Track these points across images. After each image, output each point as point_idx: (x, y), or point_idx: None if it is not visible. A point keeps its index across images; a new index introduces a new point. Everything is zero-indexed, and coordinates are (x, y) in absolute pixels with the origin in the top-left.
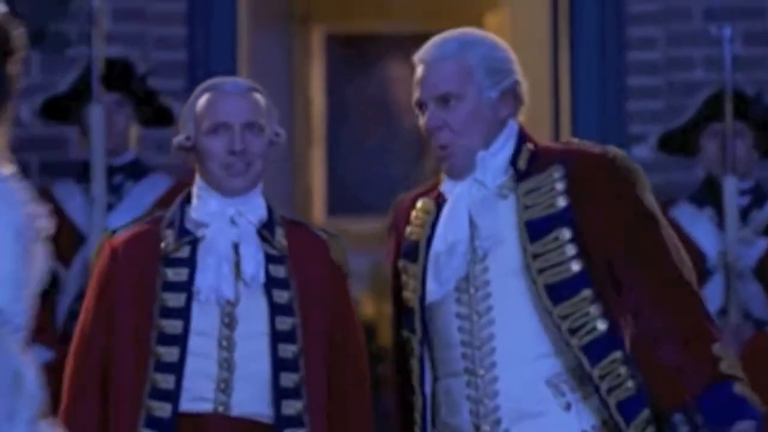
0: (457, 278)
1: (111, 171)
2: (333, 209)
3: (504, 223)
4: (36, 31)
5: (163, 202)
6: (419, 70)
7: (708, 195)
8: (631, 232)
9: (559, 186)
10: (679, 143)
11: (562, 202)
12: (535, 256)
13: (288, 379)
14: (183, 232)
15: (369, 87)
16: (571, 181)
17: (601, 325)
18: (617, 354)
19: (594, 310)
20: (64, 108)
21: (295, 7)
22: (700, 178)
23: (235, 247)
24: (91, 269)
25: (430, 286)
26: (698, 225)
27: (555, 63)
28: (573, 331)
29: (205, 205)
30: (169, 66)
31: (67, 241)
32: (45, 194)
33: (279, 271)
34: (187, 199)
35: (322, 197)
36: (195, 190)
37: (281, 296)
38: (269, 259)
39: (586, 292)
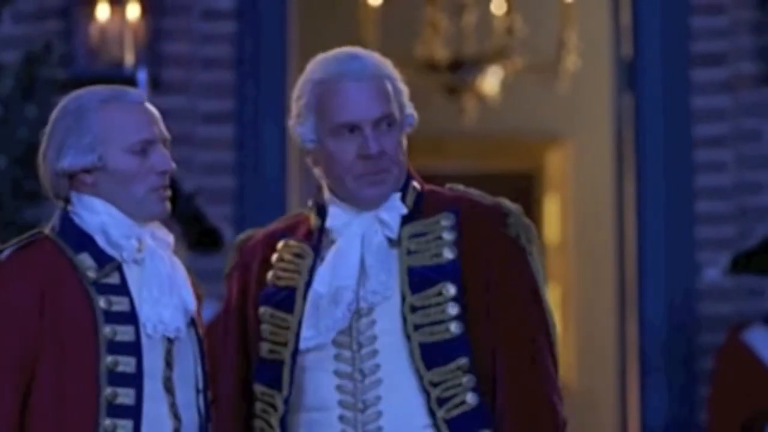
0: (337, 329)
1: None
2: None
3: (393, 275)
4: None
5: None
6: (345, 88)
7: None
8: (506, 303)
9: (447, 236)
10: (753, 264)
11: (449, 254)
12: (414, 309)
13: None
14: (104, 256)
15: None
16: (460, 233)
17: (472, 399)
18: None
19: (467, 381)
20: None
21: None
22: None
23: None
24: None
25: (306, 332)
26: None
27: (620, 193)
28: (441, 402)
29: (119, 225)
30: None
31: None
32: None
33: None
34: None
35: None
36: (99, 208)
37: (200, 332)
38: None
39: (462, 360)
